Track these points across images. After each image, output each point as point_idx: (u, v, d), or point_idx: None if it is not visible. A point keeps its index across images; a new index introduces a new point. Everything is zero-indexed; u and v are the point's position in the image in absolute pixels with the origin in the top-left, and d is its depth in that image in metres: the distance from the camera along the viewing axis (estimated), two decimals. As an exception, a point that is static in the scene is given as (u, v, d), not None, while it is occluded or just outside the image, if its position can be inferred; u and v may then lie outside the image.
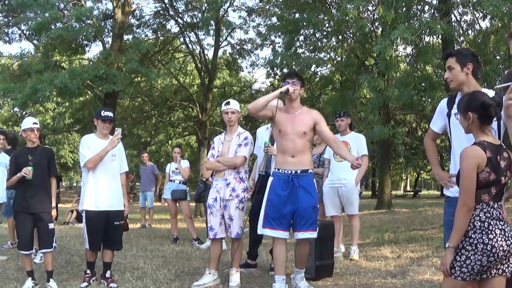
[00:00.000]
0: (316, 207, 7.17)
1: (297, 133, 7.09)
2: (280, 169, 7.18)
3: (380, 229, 15.39)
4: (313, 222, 7.07)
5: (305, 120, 7.14)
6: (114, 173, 8.16)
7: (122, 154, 8.38)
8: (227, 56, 36.05)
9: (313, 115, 7.27)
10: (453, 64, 5.20)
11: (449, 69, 5.20)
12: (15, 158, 7.92)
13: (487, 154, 4.17)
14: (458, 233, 4.23)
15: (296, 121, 7.14)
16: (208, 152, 9.20)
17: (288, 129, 7.10)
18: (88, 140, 8.09)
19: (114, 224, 8.01)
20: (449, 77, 5.21)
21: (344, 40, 26.38)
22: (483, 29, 20.90)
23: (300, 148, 7.11)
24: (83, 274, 8.30)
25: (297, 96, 7.26)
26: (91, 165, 7.86)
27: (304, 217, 7.04)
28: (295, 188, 7.04)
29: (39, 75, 21.52)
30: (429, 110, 24.77)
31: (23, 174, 7.54)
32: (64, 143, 56.00)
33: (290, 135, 7.10)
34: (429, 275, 8.23)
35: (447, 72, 5.21)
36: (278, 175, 7.18)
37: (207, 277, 7.93)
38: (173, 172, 13.90)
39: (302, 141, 7.11)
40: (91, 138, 8.14)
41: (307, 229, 7.06)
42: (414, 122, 41.07)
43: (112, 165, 8.11)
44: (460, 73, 5.17)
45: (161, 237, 14.85)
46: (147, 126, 38.31)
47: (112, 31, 27.25)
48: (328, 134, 7.29)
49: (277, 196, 7.07)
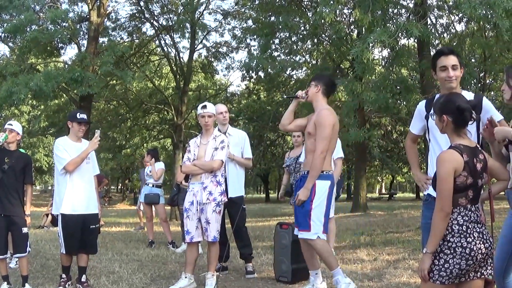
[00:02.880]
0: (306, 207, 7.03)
1: (306, 133, 7.22)
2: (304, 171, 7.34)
3: (356, 232, 15.42)
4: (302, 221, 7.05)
5: (313, 120, 7.11)
6: (89, 177, 8.14)
7: (94, 157, 8.35)
8: (202, 59, 36.01)
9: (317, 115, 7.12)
10: (457, 63, 5.19)
11: (454, 68, 5.16)
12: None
13: (463, 157, 4.16)
14: (435, 238, 4.20)
15: (310, 121, 7.20)
16: (183, 155, 9.18)
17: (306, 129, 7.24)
18: (63, 142, 8.01)
19: (90, 227, 7.97)
20: (453, 76, 5.16)
21: (319, 43, 26.45)
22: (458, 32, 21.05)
23: (309, 148, 7.12)
24: (58, 278, 8.24)
25: (311, 95, 7.27)
26: (72, 167, 7.80)
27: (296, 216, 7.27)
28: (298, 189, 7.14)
29: (14, 78, 21.30)
30: (405, 113, 24.87)
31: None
32: (39, 146, 55.57)
33: (306, 136, 7.29)
34: (406, 278, 8.25)
35: (452, 71, 5.15)
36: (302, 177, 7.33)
37: (183, 281, 7.89)
38: (147, 175, 13.84)
39: (310, 141, 7.10)
40: (65, 141, 8.06)
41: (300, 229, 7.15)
42: (390, 125, 41.37)
43: (87, 169, 8.08)
44: (460, 75, 5.19)
45: (136, 240, 14.79)
46: (122, 129, 38.18)
47: (87, 33, 27.07)
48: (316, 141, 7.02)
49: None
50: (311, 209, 6.94)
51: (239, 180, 9.14)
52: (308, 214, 6.95)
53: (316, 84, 7.21)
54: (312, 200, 6.94)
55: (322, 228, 6.95)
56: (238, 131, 9.62)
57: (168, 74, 36.31)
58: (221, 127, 9.06)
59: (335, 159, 10.19)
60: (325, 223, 7.01)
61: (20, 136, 8.15)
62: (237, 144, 9.13)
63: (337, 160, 10.22)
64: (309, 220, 6.93)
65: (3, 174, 7.61)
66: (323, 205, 6.98)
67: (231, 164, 8.91)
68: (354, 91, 16.75)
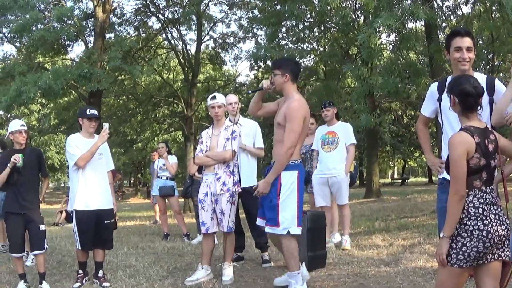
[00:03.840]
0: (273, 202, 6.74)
1: (275, 123, 6.93)
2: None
3: (371, 218, 15.43)
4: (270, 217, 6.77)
5: (282, 110, 6.82)
6: (103, 172, 8.14)
7: (107, 153, 8.36)
8: (210, 51, 36.04)
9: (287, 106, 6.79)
10: (472, 46, 5.16)
11: (468, 50, 5.11)
12: (2, 160, 7.84)
13: (475, 139, 4.13)
14: (452, 221, 4.18)
15: (280, 111, 6.93)
16: (195, 147, 9.19)
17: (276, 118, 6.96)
18: (74, 139, 8.03)
19: (105, 222, 7.96)
20: (467, 58, 5.11)
21: (326, 30, 26.37)
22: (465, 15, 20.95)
23: (278, 139, 6.85)
24: (75, 274, 8.25)
25: (279, 85, 6.90)
26: (82, 162, 7.80)
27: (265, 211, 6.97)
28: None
29: (22, 77, 21.37)
30: (415, 97, 24.83)
31: (13, 161, 7.48)
32: (51, 144, 55.65)
33: (276, 124, 6.93)
34: (422, 262, 8.23)
35: (466, 53, 5.10)
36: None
37: (200, 272, 7.90)
38: (161, 168, 13.83)
39: (280, 131, 6.82)
40: (77, 138, 8.08)
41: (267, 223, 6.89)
42: (400, 110, 41.29)
43: (100, 164, 8.08)
44: (473, 57, 5.16)
45: (151, 234, 14.81)
46: (133, 123, 38.26)
47: (93, 30, 27.11)
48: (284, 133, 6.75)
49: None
50: (279, 203, 6.69)
51: (251, 170, 9.09)
52: (275, 209, 6.70)
53: (282, 73, 6.85)
54: (279, 194, 6.70)
55: (295, 221, 6.68)
56: (249, 121, 9.57)
57: (176, 67, 36.39)
58: (232, 117, 9.03)
59: (347, 145, 10.21)
60: (298, 216, 6.73)
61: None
62: (249, 134, 9.08)
63: (349, 147, 10.23)
64: (277, 215, 6.67)
65: (18, 174, 7.63)
66: (293, 197, 6.71)
67: (243, 154, 8.88)
68: (361, 76, 16.68)
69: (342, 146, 10.21)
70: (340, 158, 10.20)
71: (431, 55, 17.70)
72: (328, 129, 10.42)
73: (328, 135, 10.34)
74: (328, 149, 10.20)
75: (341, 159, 10.20)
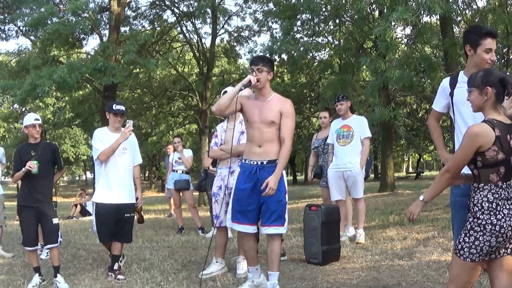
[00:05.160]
0: (283, 201, 6.61)
1: (264, 122, 6.56)
2: (246, 160, 6.77)
3: (385, 212, 15.41)
4: (278, 216, 6.57)
5: (274, 108, 6.59)
6: (126, 167, 8.24)
7: (135, 147, 8.48)
8: (225, 44, 36.05)
9: (283, 105, 6.64)
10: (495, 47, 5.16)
11: (492, 51, 5.11)
12: (19, 154, 7.88)
13: (495, 132, 4.12)
14: (434, 191, 4.47)
15: (265, 109, 6.62)
16: (209, 140, 9.20)
17: (255, 118, 6.61)
18: (100, 133, 8.19)
19: (125, 216, 8.09)
20: (494, 60, 5.13)
21: (342, 24, 26.32)
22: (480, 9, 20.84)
23: (268, 137, 6.58)
24: (89, 267, 8.33)
25: (263, 83, 6.66)
26: (103, 157, 7.96)
27: (267, 211, 6.58)
28: (260, 181, 6.49)
29: (37, 71, 21.44)
30: (429, 91, 24.70)
31: (28, 168, 7.51)
32: (65, 137, 55.86)
33: (256, 124, 6.61)
34: (436, 256, 8.23)
35: (491, 54, 5.10)
36: (244, 166, 6.79)
37: (214, 265, 7.94)
38: (176, 162, 13.84)
39: (271, 130, 6.56)
40: (104, 132, 8.24)
41: (271, 224, 6.58)
42: (415, 104, 41.11)
43: (123, 159, 8.19)
44: None
45: (166, 227, 14.86)
46: (148, 117, 38.37)
47: (108, 23, 27.11)
48: (284, 131, 6.57)
49: (241, 189, 6.70)
50: (286, 202, 6.69)
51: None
52: (284, 208, 6.62)
53: (268, 70, 6.68)
54: (286, 193, 6.69)
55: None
56: None
57: (191, 60, 36.37)
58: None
59: (362, 139, 10.21)
60: None
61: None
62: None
63: (364, 140, 10.23)
64: (285, 214, 6.63)
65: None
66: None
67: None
68: (378, 69, 16.65)
69: (357, 139, 10.21)
70: (355, 152, 10.20)
71: (446, 49, 17.63)
72: (343, 123, 10.41)
73: (343, 129, 10.34)
74: (343, 143, 10.20)
75: (356, 153, 10.20)
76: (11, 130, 51.81)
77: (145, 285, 7.36)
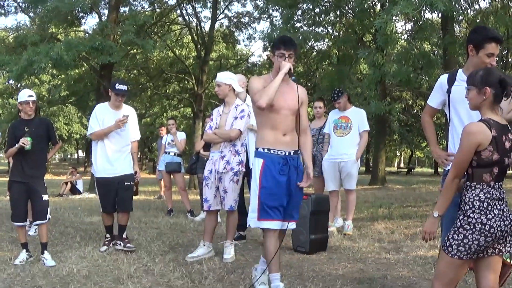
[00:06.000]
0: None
1: (291, 109, 6.04)
2: (271, 150, 6.03)
3: (374, 205, 15.43)
4: (297, 211, 6.30)
5: (295, 96, 6.04)
6: (122, 143, 8.47)
7: (134, 124, 8.67)
8: (224, 29, 36.02)
9: (302, 93, 6.15)
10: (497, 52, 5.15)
11: (494, 56, 5.08)
12: (13, 129, 7.86)
13: (492, 132, 4.10)
14: (447, 201, 4.32)
15: (289, 94, 6.04)
16: (203, 124, 9.23)
17: (282, 103, 5.97)
18: (100, 110, 8.40)
19: (125, 184, 8.33)
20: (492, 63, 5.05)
21: (342, 15, 26.34)
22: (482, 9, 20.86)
23: (292, 125, 6.11)
24: (77, 245, 8.37)
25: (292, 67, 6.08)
26: (95, 138, 8.31)
27: (295, 205, 6.16)
28: (291, 173, 6.04)
29: (34, 47, 21.31)
30: (426, 87, 24.75)
31: (21, 144, 7.48)
32: (59, 115, 55.64)
33: (284, 110, 6.00)
34: (423, 252, 8.24)
35: (492, 59, 5.06)
36: (270, 157, 6.03)
37: (202, 249, 7.94)
38: (169, 144, 13.84)
39: (293, 117, 6.10)
40: (104, 108, 8.47)
41: (293, 219, 6.24)
42: (410, 99, 41.21)
43: (120, 136, 8.40)
44: None
45: (155, 209, 14.86)
46: (143, 98, 38.36)
47: (108, 3, 26.95)
48: (305, 120, 6.25)
49: (277, 182, 5.98)
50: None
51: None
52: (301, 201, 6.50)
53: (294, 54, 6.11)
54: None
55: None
56: None
57: (189, 44, 36.36)
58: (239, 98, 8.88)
59: (361, 131, 10.21)
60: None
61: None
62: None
63: (363, 133, 10.24)
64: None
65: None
66: None
67: (251, 134, 8.84)
68: (375, 62, 16.66)
69: (355, 132, 10.21)
70: (352, 144, 10.20)
71: (446, 46, 17.66)
72: (342, 113, 10.39)
73: (341, 119, 10.32)
74: (341, 133, 10.19)
75: (352, 145, 10.20)
76: (5, 105, 51.55)
77: (131, 265, 7.35)
